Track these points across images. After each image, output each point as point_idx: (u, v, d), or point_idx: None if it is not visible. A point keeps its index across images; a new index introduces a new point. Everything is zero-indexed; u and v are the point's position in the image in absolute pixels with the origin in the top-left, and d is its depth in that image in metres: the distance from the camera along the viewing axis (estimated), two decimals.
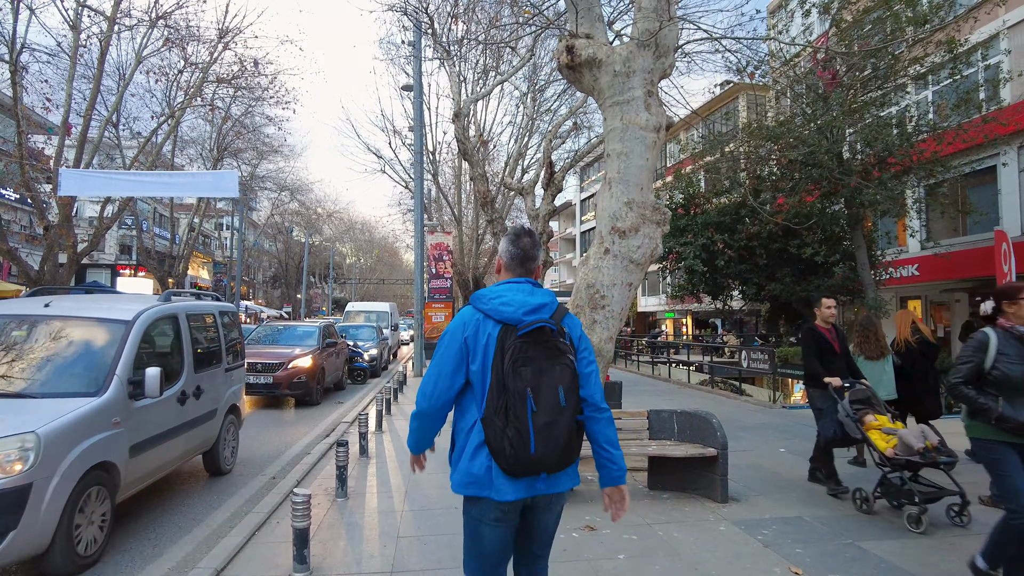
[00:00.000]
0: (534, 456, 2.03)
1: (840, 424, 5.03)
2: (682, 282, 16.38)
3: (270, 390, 10.88)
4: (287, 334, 13.10)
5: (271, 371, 10.89)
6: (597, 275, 6.55)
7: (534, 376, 2.07)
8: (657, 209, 6.80)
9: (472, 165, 12.48)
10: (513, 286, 2.28)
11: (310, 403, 11.28)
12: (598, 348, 6.46)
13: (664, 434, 5.39)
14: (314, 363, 11.39)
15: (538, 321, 2.13)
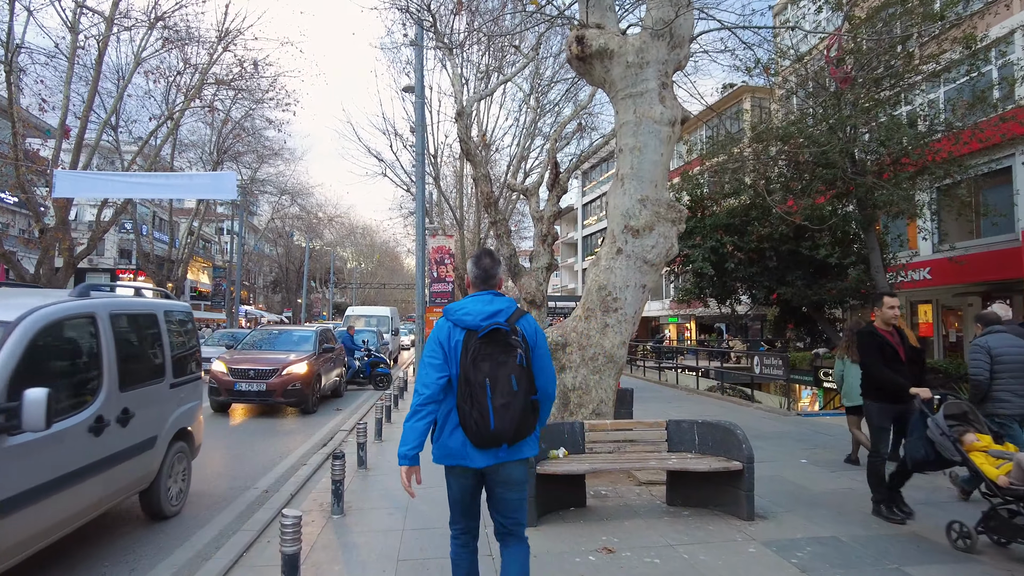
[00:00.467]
0: (494, 431, 2.62)
1: (931, 443, 4.22)
2: (689, 286, 16.02)
3: (263, 398, 10.38)
4: (282, 339, 12.59)
5: (264, 378, 10.43)
6: (609, 276, 6.21)
7: (491, 368, 2.66)
8: (672, 207, 6.46)
9: (475, 166, 12.13)
10: (475, 298, 2.87)
11: (306, 411, 10.84)
12: (610, 353, 6.11)
13: (684, 446, 5.02)
14: (309, 369, 10.89)
15: (493, 324, 2.71)
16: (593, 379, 6.09)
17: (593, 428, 5.04)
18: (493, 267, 2.97)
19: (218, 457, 7.44)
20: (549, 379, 2.85)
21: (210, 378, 10.42)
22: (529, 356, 2.75)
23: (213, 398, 10.57)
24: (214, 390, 10.50)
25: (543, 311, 12.42)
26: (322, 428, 9.51)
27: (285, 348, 11.85)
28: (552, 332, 6.31)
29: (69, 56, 21.08)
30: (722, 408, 11.50)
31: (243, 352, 11.72)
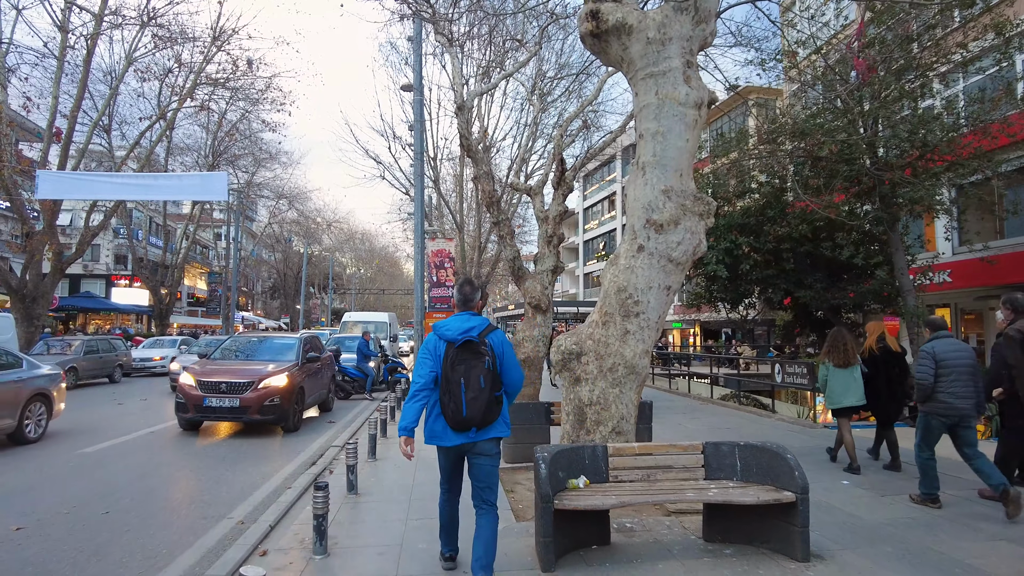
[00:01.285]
0: (466, 417, 3.54)
1: None
2: (699, 289, 15.31)
3: (236, 415, 9.17)
4: (261, 348, 11.26)
5: (238, 392, 9.19)
6: (630, 277, 5.51)
7: (465, 370, 3.57)
8: (700, 199, 5.76)
9: (475, 163, 11.44)
10: (457, 317, 3.83)
11: (287, 429, 9.67)
12: (631, 364, 5.41)
13: (724, 472, 4.31)
14: (291, 382, 9.66)
15: (466, 337, 3.64)
16: (612, 393, 5.39)
17: (618, 452, 4.34)
18: (472, 294, 3.96)
19: (194, 480, 6.73)
20: (513, 379, 3.78)
21: (177, 392, 9.47)
22: (495, 362, 3.66)
23: (180, 415, 9.44)
24: (181, 406, 9.33)
25: (549, 316, 11.72)
26: (312, 444, 8.79)
27: (264, 358, 10.63)
28: (566, 340, 5.61)
29: (59, 55, 20.52)
30: (741, 419, 10.78)
31: (216, 363, 10.46)
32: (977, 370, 5.47)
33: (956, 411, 5.35)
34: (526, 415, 6.74)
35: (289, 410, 9.53)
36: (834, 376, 7.05)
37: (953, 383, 5.35)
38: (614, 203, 50.12)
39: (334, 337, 17.70)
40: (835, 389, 7.03)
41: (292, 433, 9.65)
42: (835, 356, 7.03)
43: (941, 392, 5.38)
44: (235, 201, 36.80)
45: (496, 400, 3.64)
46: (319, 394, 11.55)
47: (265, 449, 8.41)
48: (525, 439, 6.71)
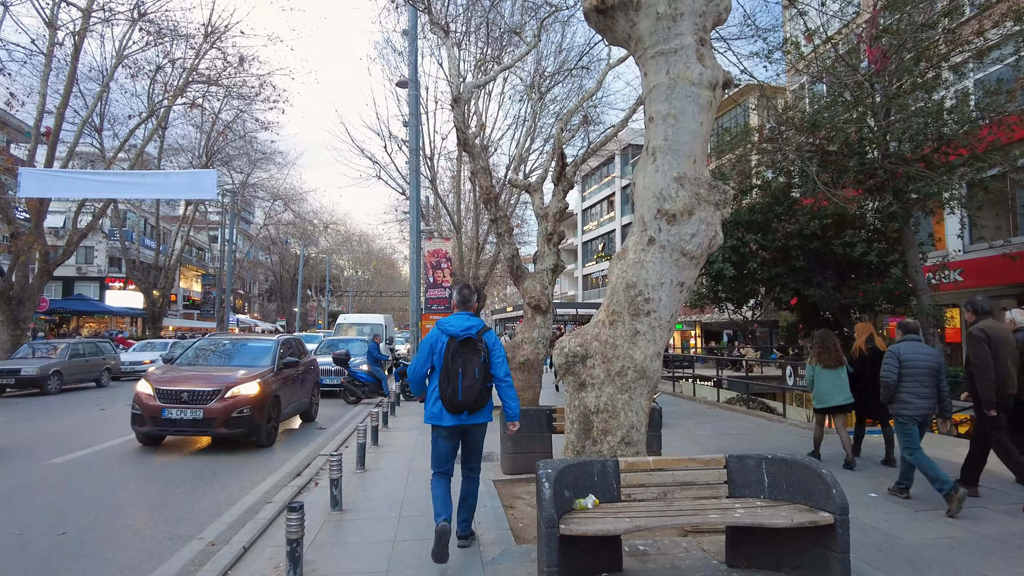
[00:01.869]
0: (461, 401, 4.18)
1: None
2: (704, 289, 14.83)
3: (200, 428, 8.03)
4: (234, 352, 10.03)
5: (201, 402, 8.02)
6: (639, 272, 5.03)
7: (463, 362, 4.25)
8: (715, 187, 5.28)
9: (472, 157, 10.98)
10: (458, 316, 4.51)
11: (260, 445, 8.46)
12: (642, 367, 4.93)
13: (750, 489, 3.83)
14: (263, 390, 8.50)
15: (466, 334, 4.35)
16: (621, 399, 4.90)
17: (631, 468, 3.86)
18: (470, 296, 4.59)
19: (167, 495, 6.22)
20: (502, 371, 4.45)
21: (133, 402, 8.31)
22: (488, 356, 4.34)
23: (137, 429, 8.28)
24: (137, 418, 8.18)
25: (549, 316, 11.25)
26: (299, 453, 8.29)
27: (236, 363, 9.50)
28: (569, 341, 5.13)
29: (47, 52, 20.03)
30: (750, 424, 10.31)
31: (180, 369, 9.21)
32: (941, 372, 5.70)
33: (918, 410, 5.60)
34: (526, 423, 6.26)
35: (262, 423, 8.38)
36: (821, 377, 7.22)
37: (915, 384, 5.62)
38: (613, 204, 49.70)
39: (327, 339, 17.18)
40: (822, 389, 7.21)
41: (278, 440, 9.14)
42: (825, 358, 7.19)
43: (904, 392, 5.65)
44: (229, 201, 36.31)
45: (487, 389, 4.37)
46: (299, 403, 10.43)
47: (247, 459, 7.91)
48: (525, 448, 6.23)
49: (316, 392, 11.50)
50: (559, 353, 5.10)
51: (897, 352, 5.71)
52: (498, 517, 4.96)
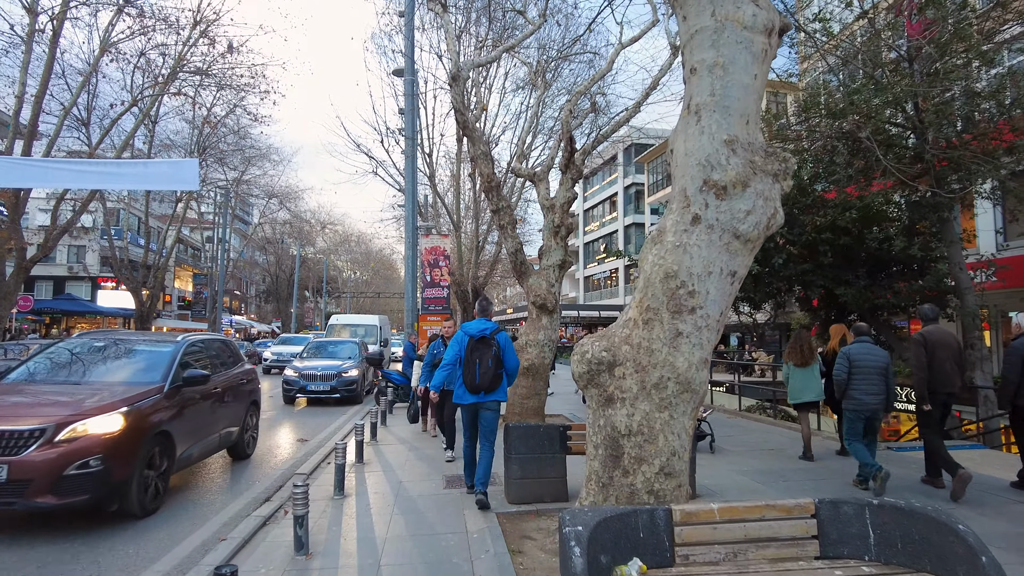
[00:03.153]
0: (478, 383, 5.34)
1: None
2: None
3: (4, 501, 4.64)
4: (104, 360, 6.49)
5: (9, 451, 4.66)
6: (682, 259, 4.02)
7: (480, 355, 5.40)
8: (773, 154, 4.28)
9: (473, 142, 9.98)
10: (477, 321, 5.70)
11: (127, 510, 5.23)
12: (685, 378, 3.92)
13: (849, 547, 2.82)
14: (130, 426, 5.20)
15: (481, 334, 5.51)
16: (659, 418, 3.89)
17: (689, 519, 2.85)
18: (488, 307, 6.00)
19: (100, 528, 5.19)
20: (511, 364, 5.60)
21: None
22: (499, 351, 5.52)
23: None
24: None
25: (556, 317, 10.24)
26: (271, 473, 7.26)
27: (97, 379, 6.04)
28: (593, 345, 4.11)
29: (26, 39, 19.05)
30: (781, 437, 9.29)
31: (8, 385, 5.88)
32: (888, 372, 6.20)
33: (865, 406, 6.15)
34: (535, 441, 5.24)
35: (127, 480, 5.11)
36: (795, 375, 7.78)
37: (862, 382, 6.14)
38: (616, 204, 48.71)
39: (314, 341, 16.14)
40: (795, 386, 7.78)
41: (256, 452, 8.09)
42: (795, 356, 7.78)
43: (854, 389, 6.17)
44: (223, 199, 35.32)
45: (498, 375, 5.43)
46: (216, 438, 6.88)
47: (206, 477, 6.88)
48: (534, 472, 5.21)
49: (251, 417, 7.98)
50: (579, 359, 4.10)
51: (848, 353, 6.29)
52: (503, 568, 3.93)
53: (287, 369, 13.89)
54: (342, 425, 10.70)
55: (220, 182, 34.65)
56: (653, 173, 41.57)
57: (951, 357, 6.20)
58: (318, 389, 13.10)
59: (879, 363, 6.16)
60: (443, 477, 6.32)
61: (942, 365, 6.13)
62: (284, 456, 8.17)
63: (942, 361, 6.13)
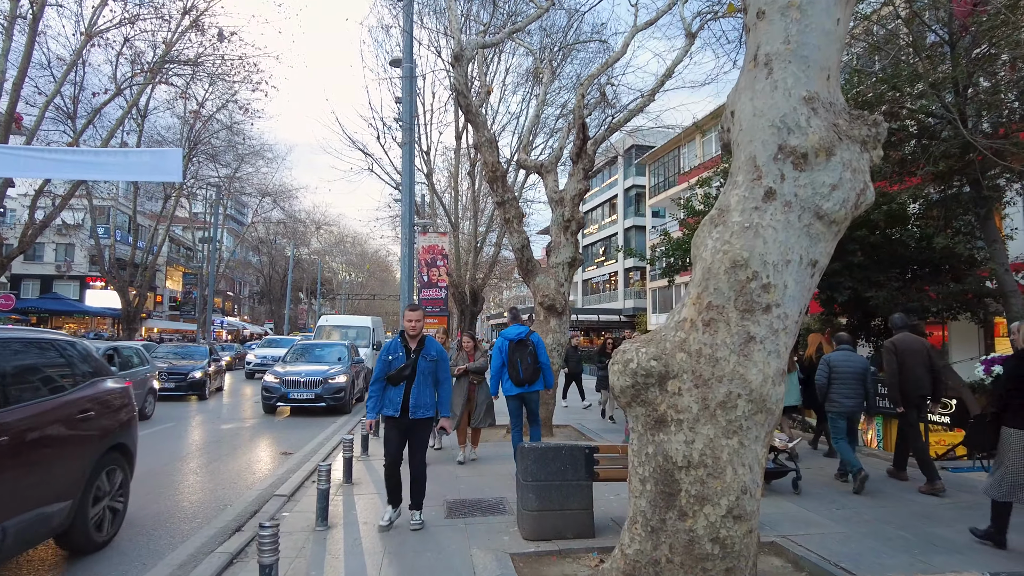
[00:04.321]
0: (522, 378, 6.50)
1: None
2: None
3: None
4: None
5: None
6: (753, 244, 3.18)
7: (520, 355, 6.54)
8: (859, 117, 3.47)
9: (476, 128, 9.17)
10: (513, 327, 6.79)
11: None
12: (760, 394, 3.08)
13: None
14: None
15: (519, 337, 6.61)
16: (727, 446, 3.06)
17: None
18: (519, 314, 7.22)
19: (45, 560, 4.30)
20: (544, 360, 6.63)
21: None
22: (535, 350, 6.57)
23: None
24: None
25: (566, 319, 9.42)
26: (251, 490, 6.38)
27: None
28: (638, 352, 3.27)
29: (7, 21, 18.16)
30: (809, 452, 8.46)
31: None
32: (866, 377, 6.73)
33: (845, 407, 6.64)
34: (556, 465, 4.39)
35: None
36: None
37: (842, 386, 6.64)
38: (615, 206, 47.95)
39: (300, 344, 15.18)
40: None
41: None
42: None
43: (834, 393, 6.67)
44: (215, 196, 34.41)
45: (536, 370, 6.58)
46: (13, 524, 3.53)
47: (168, 498, 6.01)
48: (555, 503, 4.36)
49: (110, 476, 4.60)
50: (622, 369, 3.25)
51: (829, 360, 6.81)
52: None
53: (267, 374, 12.72)
54: (331, 436, 9.81)
55: (212, 179, 33.73)
56: (655, 175, 40.84)
57: (921, 363, 6.57)
58: (301, 397, 11.95)
59: (857, 369, 6.68)
60: (444, 503, 5.45)
61: (913, 370, 6.50)
62: (263, 472, 7.28)
63: (912, 367, 6.51)
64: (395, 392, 4.83)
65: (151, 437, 9.25)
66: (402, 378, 4.80)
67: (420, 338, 4.98)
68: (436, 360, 4.93)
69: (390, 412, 4.81)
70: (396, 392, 4.82)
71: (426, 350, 4.90)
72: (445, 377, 4.99)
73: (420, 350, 4.90)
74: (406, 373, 4.80)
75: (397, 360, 4.86)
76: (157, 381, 12.22)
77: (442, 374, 4.97)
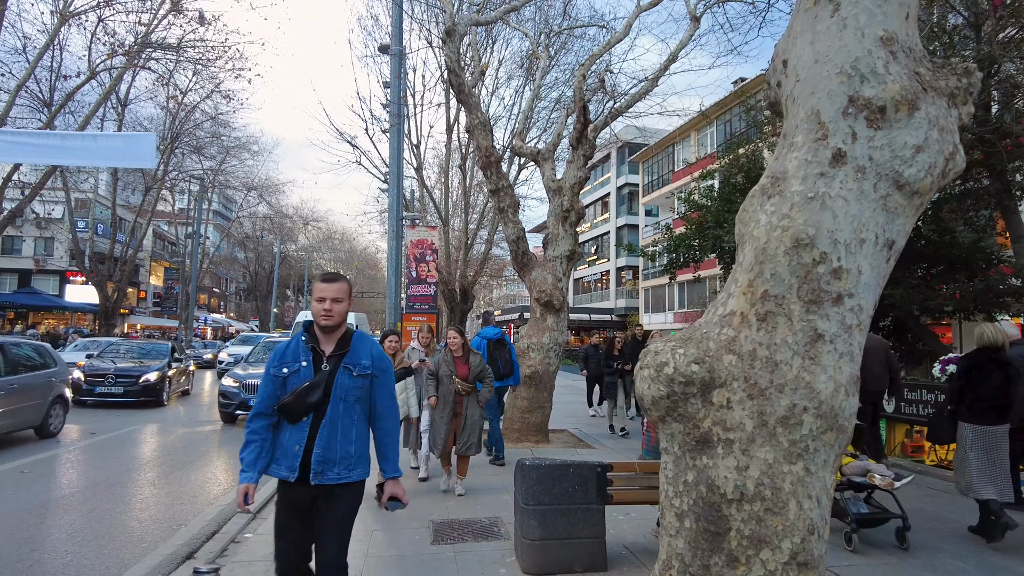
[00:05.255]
0: (502, 373, 7.50)
1: None
2: None
3: None
4: None
5: None
6: (819, 218, 2.52)
7: (499, 353, 7.54)
8: (944, 66, 2.83)
9: (469, 110, 8.49)
10: (488, 328, 8.01)
11: None
12: (830, 406, 2.41)
13: None
14: None
15: (496, 337, 7.70)
16: (790, 473, 2.41)
17: None
18: (491, 318, 9.26)
19: None
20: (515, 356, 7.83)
21: None
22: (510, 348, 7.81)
23: None
24: None
25: (563, 317, 8.78)
26: (209, 508, 5.66)
27: None
28: (674, 352, 2.61)
29: None
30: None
31: None
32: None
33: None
34: (563, 487, 3.73)
35: None
36: None
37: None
38: (608, 205, 47.41)
39: (268, 342, 14.21)
40: None
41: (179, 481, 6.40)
42: None
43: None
44: (199, 189, 33.49)
45: (512, 364, 7.68)
46: None
47: (113, 514, 5.29)
48: (561, 531, 3.70)
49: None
50: (654, 375, 2.59)
51: None
52: None
53: (225, 378, 11.09)
54: None
55: (195, 171, 32.77)
56: (648, 173, 40.33)
57: (879, 361, 6.87)
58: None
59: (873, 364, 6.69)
60: (430, 525, 4.76)
61: (871, 368, 6.56)
62: (225, 486, 6.55)
63: (871, 365, 6.50)
64: (292, 434, 2.63)
65: (95, 448, 8.35)
66: (304, 408, 2.62)
67: (343, 334, 2.79)
68: (370, 375, 2.73)
69: (282, 472, 2.62)
70: (294, 434, 2.63)
71: (352, 356, 2.73)
72: (388, 407, 2.81)
73: (341, 356, 2.72)
74: (312, 400, 2.61)
75: (297, 375, 2.68)
76: (70, 388, 9.95)
77: (383, 401, 2.79)
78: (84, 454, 7.92)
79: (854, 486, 4.65)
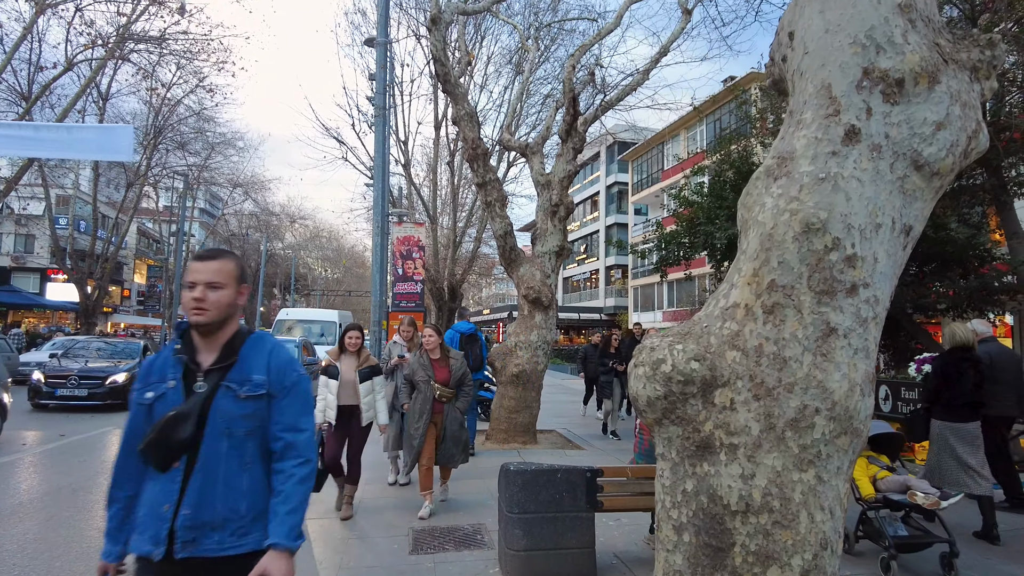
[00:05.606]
0: (473, 366, 7.07)
1: None
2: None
3: None
4: None
5: None
6: (830, 199, 2.28)
7: (471, 347, 7.67)
8: (966, 37, 2.61)
9: (455, 100, 8.24)
10: (463, 323, 8.13)
11: None
12: (844, 408, 2.16)
13: None
14: None
15: (470, 332, 7.86)
16: (801, 481, 2.17)
17: None
18: (467, 314, 9.65)
19: None
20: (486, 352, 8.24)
21: None
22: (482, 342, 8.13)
23: None
24: None
25: (552, 314, 8.54)
26: None
27: None
28: (672, 348, 2.36)
29: None
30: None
31: None
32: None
33: None
34: (550, 493, 3.48)
35: None
36: None
37: None
38: (597, 203, 47.25)
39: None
40: None
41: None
42: None
43: None
44: (182, 185, 32.93)
45: (482, 359, 8.05)
46: None
47: (73, 521, 4.97)
48: (548, 540, 3.45)
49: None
50: (650, 374, 2.35)
51: None
52: None
53: None
54: None
55: (180, 167, 32.21)
56: (637, 172, 40.22)
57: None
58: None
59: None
60: (409, 533, 4.50)
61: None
62: None
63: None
64: (162, 488, 1.82)
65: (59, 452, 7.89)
66: (172, 448, 1.81)
67: (230, 338, 1.97)
68: (265, 395, 1.92)
69: (144, 547, 1.78)
70: (165, 487, 1.82)
71: (240, 370, 1.92)
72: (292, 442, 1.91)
73: (225, 370, 1.91)
74: (181, 437, 1.80)
75: (163, 400, 1.89)
76: (7, 393, 8.79)
77: (285, 434, 1.92)
78: (48, 458, 7.54)
79: (891, 504, 4.03)
